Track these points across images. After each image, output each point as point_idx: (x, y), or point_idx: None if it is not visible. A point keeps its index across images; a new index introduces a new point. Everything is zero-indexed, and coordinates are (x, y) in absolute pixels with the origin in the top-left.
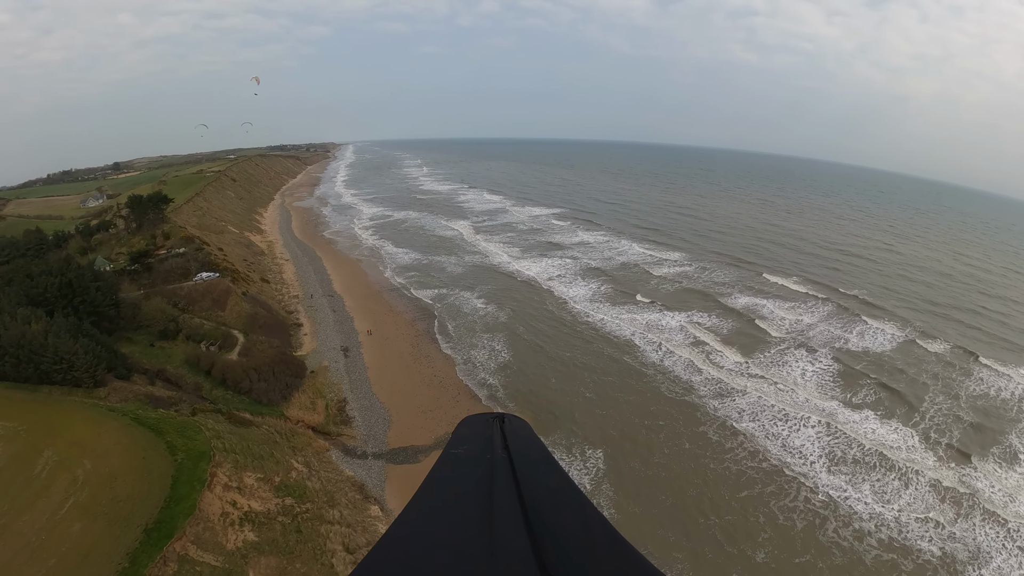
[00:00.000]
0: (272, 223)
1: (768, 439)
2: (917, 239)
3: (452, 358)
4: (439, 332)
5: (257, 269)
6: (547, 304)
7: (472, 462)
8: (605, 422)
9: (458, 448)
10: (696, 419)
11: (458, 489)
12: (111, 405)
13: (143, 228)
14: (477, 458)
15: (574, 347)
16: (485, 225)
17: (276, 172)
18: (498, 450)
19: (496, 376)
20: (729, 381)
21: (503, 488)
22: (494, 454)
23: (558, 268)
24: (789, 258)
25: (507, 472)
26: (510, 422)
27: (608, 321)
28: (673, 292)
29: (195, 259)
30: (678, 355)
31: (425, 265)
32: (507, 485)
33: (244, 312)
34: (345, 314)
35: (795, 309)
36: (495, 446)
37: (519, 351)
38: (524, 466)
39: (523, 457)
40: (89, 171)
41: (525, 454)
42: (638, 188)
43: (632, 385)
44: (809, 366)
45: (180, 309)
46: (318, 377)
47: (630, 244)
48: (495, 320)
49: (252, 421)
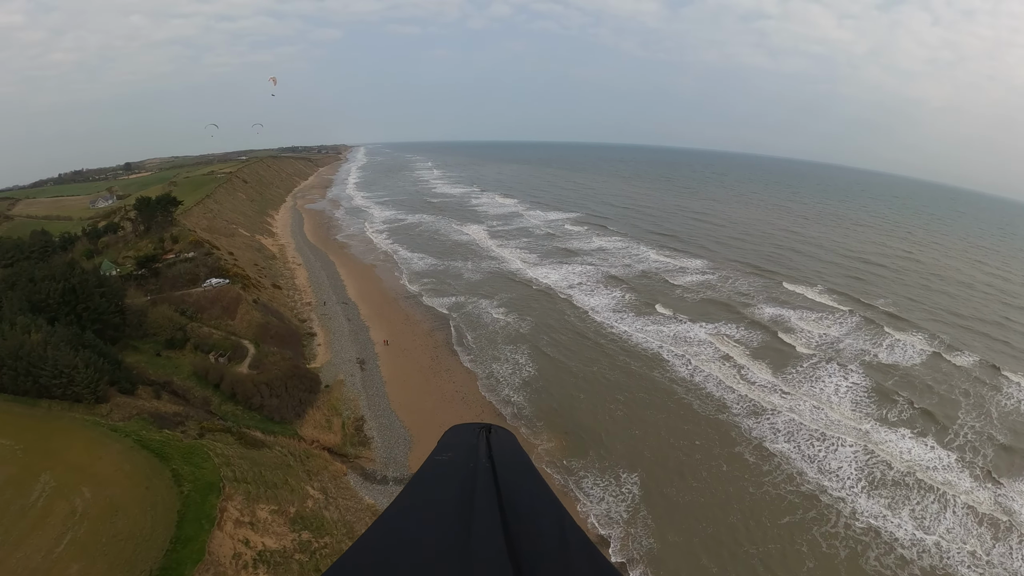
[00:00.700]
0: (284, 226)
1: (805, 461)
2: (935, 246)
3: (474, 372)
4: (458, 343)
5: (268, 274)
6: (568, 315)
7: (456, 468)
8: (638, 443)
9: (443, 455)
10: (731, 439)
11: (439, 494)
12: (113, 424)
13: (151, 231)
14: (461, 465)
15: (600, 361)
16: (500, 230)
17: (288, 174)
18: (482, 459)
19: (521, 392)
20: (761, 398)
21: (483, 495)
22: (478, 462)
23: (577, 276)
24: (810, 267)
25: (489, 480)
26: (496, 433)
27: (633, 333)
28: (697, 303)
29: (204, 264)
30: (707, 370)
31: (441, 271)
32: (488, 492)
33: (255, 321)
34: (360, 323)
35: (821, 321)
36: (480, 455)
37: (543, 365)
38: (506, 475)
39: (506, 467)
40: (100, 171)
41: (508, 464)
42: (651, 192)
43: (663, 402)
44: (840, 382)
45: (188, 317)
46: (333, 392)
47: (648, 251)
48: (516, 331)
49: (264, 442)
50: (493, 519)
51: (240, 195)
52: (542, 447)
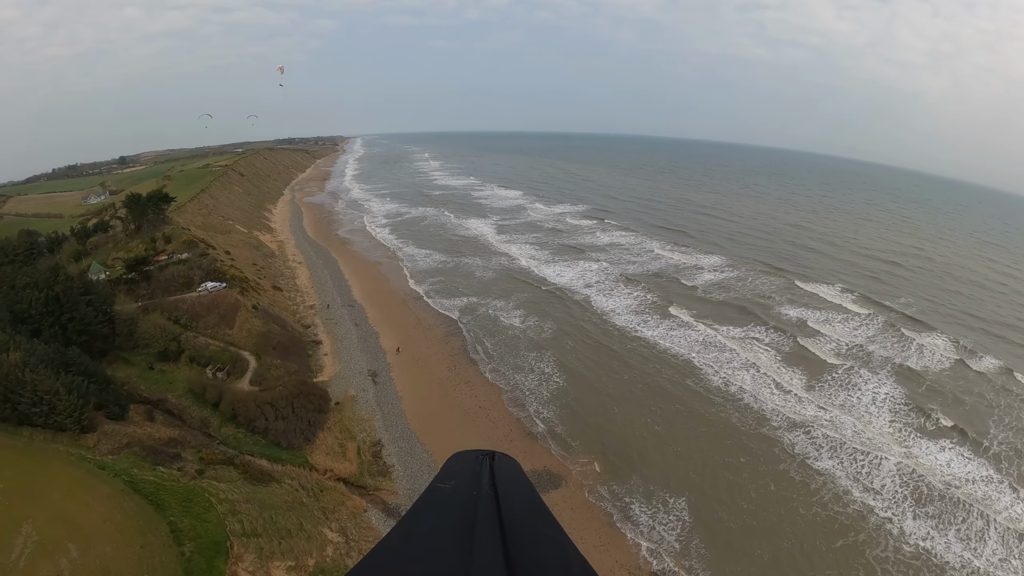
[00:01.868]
0: (283, 220)
1: (849, 479)
2: (943, 242)
3: (497, 385)
4: (477, 351)
5: (268, 274)
6: (589, 318)
7: (457, 496)
8: (682, 462)
9: (445, 482)
10: (775, 456)
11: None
12: (101, 460)
13: (142, 230)
14: (463, 493)
15: (629, 369)
16: (506, 224)
17: (285, 166)
18: (485, 486)
19: (550, 407)
20: (799, 411)
21: (485, 523)
22: (480, 490)
23: (593, 275)
24: (825, 265)
25: (491, 508)
26: (499, 460)
27: (658, 338)
28: (718, 304)
29: (199, 266)
30: (740, 379)
31: (450, 270)
32: (490, 520)
33: (255, 330)
34: (368, 328)
35: (845, 324)
36: (482, 482)
37: (571, 375)
38: (509, 503)
39: (509, 495)
40: (95, 166)
41: (511, 492)
42: (654, 185)
43: (701, 415)
44: (874, 392)
45: (182, 326)
46: (344, 410)
47: (659, 247)
48: (537, 336)
49: (271, 474)
50: (495, 548)
51: (236, 189)
52: (579, 470)
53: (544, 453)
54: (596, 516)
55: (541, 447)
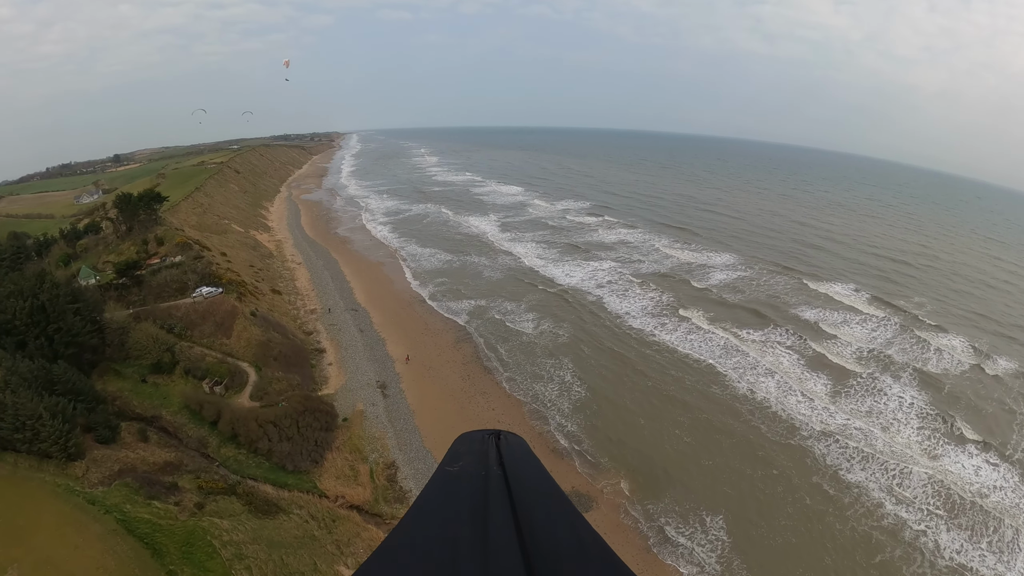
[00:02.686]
0: (280, 219)
1: (882, 491)
2: (947, 239)
3: (515, 396)
4: (490, 358)
5: (266, 277)
6: (604, 320)
7: (466, 478)
8: (715, 476)
9: (453, 465)
10: (807, 467)
11: (451, 504)
12: (91, 494)
13: (133, 232)
14: (472, 474)
15: (651, 376)
16: (509, 222)
17: (281, 163)
18: (493, 466)
19: (574, 420)
20: (827, 420)
21: (496, 504)
22: (489, 471)
23: (603, 275)
24: (834, 265)
25: (501, 488)
26: (506, 439)
27: (677, 342)
28: (734, 307)
29: (193, 270)
30: (765, 386)
31: (456, 270)
32: (501, 501)
33: (254, 339)
34: (374, 334)
35: (863, 327)
36: (490, 462)
37: (592, 383)
38: (518, 482)
39: (517, 474)
40: (89, 164)
41: (520, 471)
42: (655, 181)
43: (730, 425)
44: (899, 398)
45: (176, 335)
46: (353, 427)
47: (667, 246)
48: (553, 341)
49: (278, 503)
50: (507, 527)
51: (232, 186)
52: (609, 489)
53: (571, 472)
54: (632, 541)
55: (567, 465)
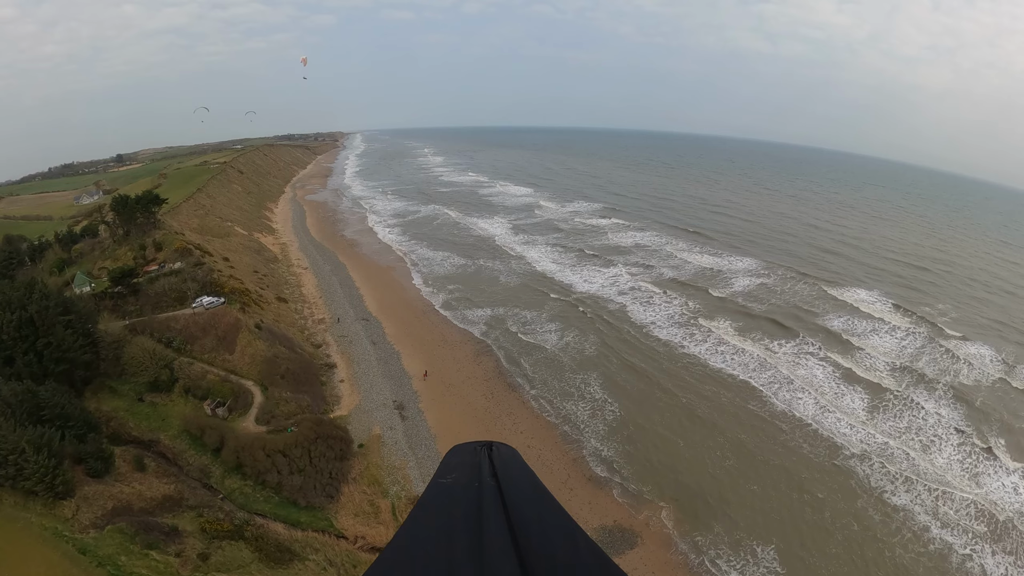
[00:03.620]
0: (284, 220)
1: (927, 514)
2: (961, 242)
3: (545, 417)
4: (513, 373)
5: (271, 283)
6: (630, 331)
7: (460, 490)
8: (762, 501)
9: (446, 477)
10: (852, 491)
11: (446, 518)
12: (81, 539)
13: (131, 236)
14: (465, 486)
15: (685, 392)
16: (521, 224)
17: (285, 163)
18: (486, 477)
19: (610, 444)
20: (867, 438)
21: (491, 515)
22: (482, 481)
23: (623, 281)
24: (852, 271)
25: (495, 499)
26: (498, 449)
27: (707, 355)
28: (759, 318)
29: (193, 278)
30: (803, 404)
31: (469, 276)
32: (495, 512)
33: (259, 354)
34: (388, 347)
35: (892, 337)
36: (483, 473)
37: (625, 401)
38: (512, 493)
39: (511, 484)
40: (91, 164)
41: (513, 481)
42: (663, 182)
43: (772, 446)
44: (936, 415)
45: (175, 349)
46: (371, 455)
47: (684, 251)
48: (580, 354)
49: (291, 547)
50: (503, 538)
51: (235, 187)
52: (653, 521)
53: (610, 503)
54: None
55: (606, 495)
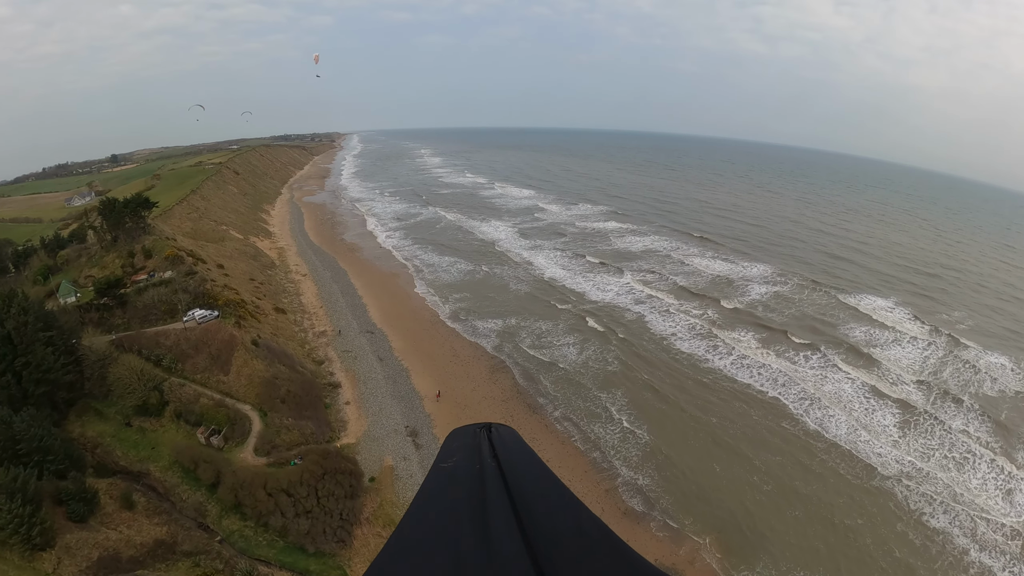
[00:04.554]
0: (282, 223)
1: (965, 536)
2: (966, 246)
3: (571, 443)
4: (532, 393)
5: (268, 292)
6: (649, 344)
7: (462, 473)
8: (803, 528)
9: (447, 461)
10: (891, 514)
11: (450, 501)
12: None
13: (119, 242)
14: (466, 468)
15: (714, 410)
16: (526, 228)
17: (282, 163)
18: (487, 459)
19: (644, 471)
20: (902, 458)
21: (495, 497)
22: (483, 464)
23: (638, 289)
24: (866, 279)
25: (497, 480)
26: (497, 431)
27: (733, 369)
28: (779, 327)
29: (184, 288)
30: (835, 422)
31: (477, 283)
32: (498, 494)
33: (257, 375)
34: (396, 363)
35: (912, 347)
36: (483, 456)
37: (654, 422)
38: (514, 473)
39: (512, 465)
40: (86, 164)
41: (515, 461)
42: (665, 185)
43: (809, 468)
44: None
45: (165, 368)
46: (384, 490)
47: (694, 255)
48: (602, 370)
49: None
50: (508, 522)
51: (231, 188)
52: (697, 557)
53: (650, 538)
54: None
55: (644, 530)
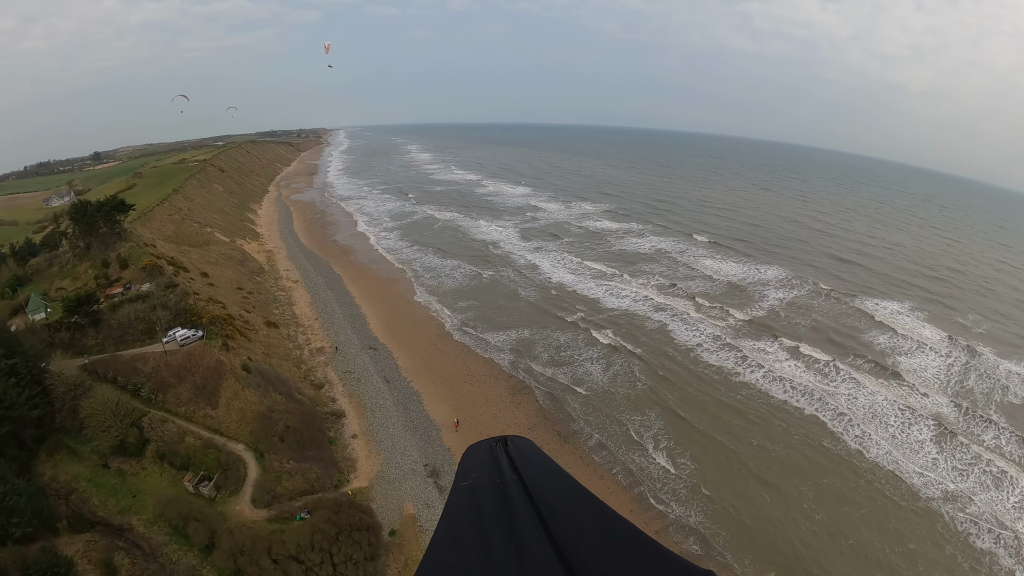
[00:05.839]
0: (270, 223)
1: (1011, 557)
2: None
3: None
4: (560, 418)
5: (258, 302)
6: (677, 356)
7: (483, 489)
8: (859, 559)
9: (466, 479)
10: (939, 536)
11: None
12: None
13: (92, 250)
14: (488, 484)
15: (754, 431)
16: (528, 229)
17: (269, 160)
18: (507, 472)
19: (694, 506)
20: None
21: (520, 508)
22: (504, 477)
23: (655, 296)
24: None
25: (521, 492)
26: (513, 443)
27: (765, 384)
28: (802, 336)
29: (164, 304)
30: (875, 440)
31: (483, 290)
32: (522, 504)
33: (251, 408)
34: (405, 386)
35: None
36: (504, 469)
37: (696, 449)
38: (536, 483)
39: (533, 475)
40: (68, 162)
41: (534, 471)
42: (662, 183)
43: (854, 490)
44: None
45: (144, 400)
46: (407, 545)
47: (704, 256)
48: (631, 389)
49: None
50: (536, 529)
51: (216, 186)
52: None
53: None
54: None
55: None
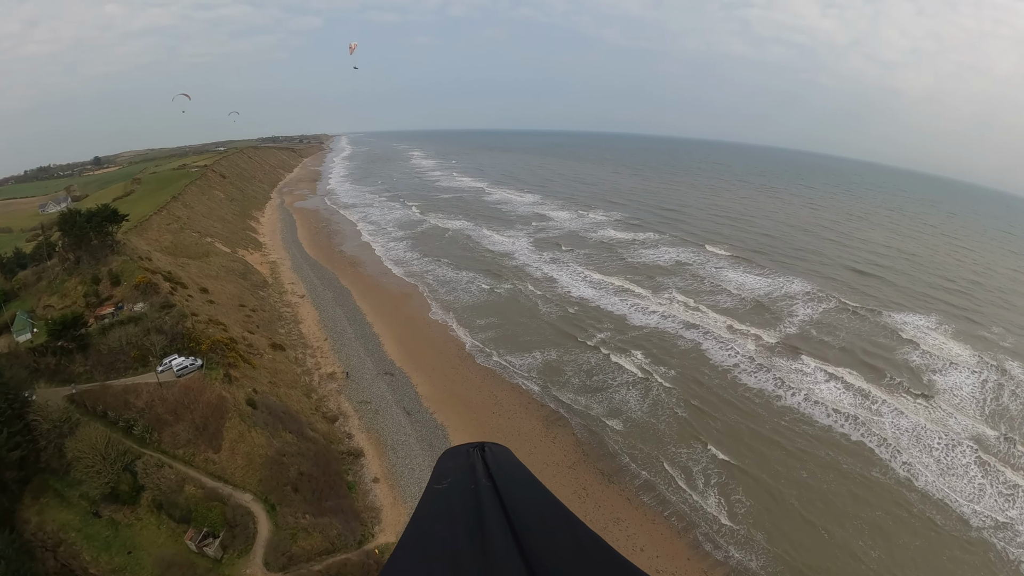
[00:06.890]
0: (272, 232)
1: None
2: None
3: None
4: (603, 454)
5: (262, 321)
6: (715, 379)
7: (457, 494)
8: None
9: (441, 483)
10: (993, 567)
11: (446, 523)
12: None
13: (82, 264)
14: (462, 490)
15: (805, 462)
16: (542, 239)
17: (271, 166)
18: (481, 478)
19: (751, 549)
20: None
21: (491, 516)
22: (478, 483)
23: (681, 312)
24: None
25: (494, 500)
26: (491, 450)
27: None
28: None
29: (159, 328)
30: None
31: (501, 306)
32: (495, 512)
33: (259, 452)
34: (427, 418)
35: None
36: (478, 475)
37: (747, 482)
38: (509, 492)
39: (507, 483)
40: (68, 167)
41: (509, 480)
42: (671, 190)
43: (907, 522)
44: None
45: (137, 439)
46: None
47: (725, 267)
48: (673, 418)
49: None
50: (504, 536)
51: (217, 193)
52: None
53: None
54: None
55: None
